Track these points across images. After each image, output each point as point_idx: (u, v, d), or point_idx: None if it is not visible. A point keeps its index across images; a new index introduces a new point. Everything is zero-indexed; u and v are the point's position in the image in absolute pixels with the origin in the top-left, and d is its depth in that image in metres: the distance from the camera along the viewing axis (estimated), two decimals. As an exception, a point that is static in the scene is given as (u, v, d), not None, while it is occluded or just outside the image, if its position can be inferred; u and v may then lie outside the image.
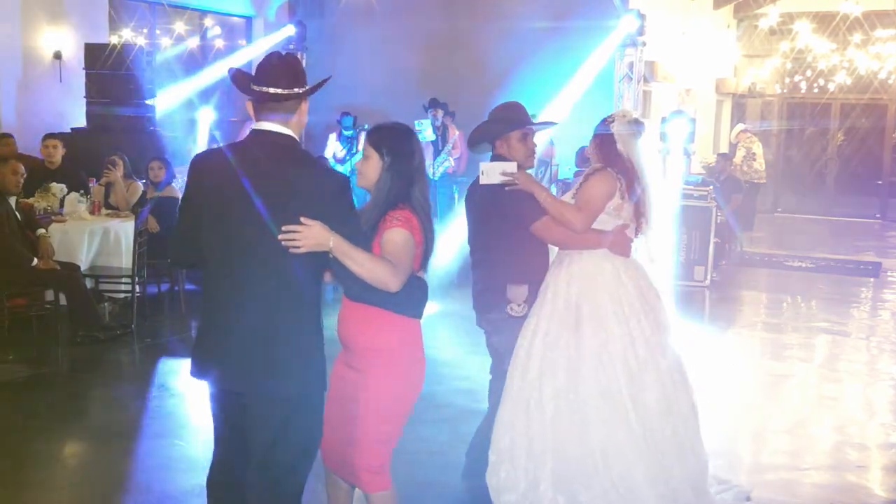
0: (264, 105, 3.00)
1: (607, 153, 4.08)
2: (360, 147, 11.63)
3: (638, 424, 3.84)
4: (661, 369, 3.95)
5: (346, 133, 11.58)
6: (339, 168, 11.27)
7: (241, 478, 3.07)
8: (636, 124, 4.12)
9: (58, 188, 7.94)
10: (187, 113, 11.77)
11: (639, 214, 4.08)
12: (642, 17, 11.21)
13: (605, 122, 4.14)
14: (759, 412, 6.02)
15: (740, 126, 15.72)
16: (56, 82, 10.46)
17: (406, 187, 3.22)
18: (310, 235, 2.79)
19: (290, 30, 13.08)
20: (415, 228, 3.17)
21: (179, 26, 12.51)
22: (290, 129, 3.01)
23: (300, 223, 2.78)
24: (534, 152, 4.26)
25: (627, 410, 3.85)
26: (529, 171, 4.22)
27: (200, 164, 3.05)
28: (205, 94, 11.92)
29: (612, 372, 3.87)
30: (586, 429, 3.83)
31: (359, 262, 2.90)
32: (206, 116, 11.55)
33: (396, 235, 3.11)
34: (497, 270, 4.17)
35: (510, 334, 4.09)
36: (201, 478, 4.76)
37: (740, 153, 14.91)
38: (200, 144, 11.71)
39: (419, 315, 3.31)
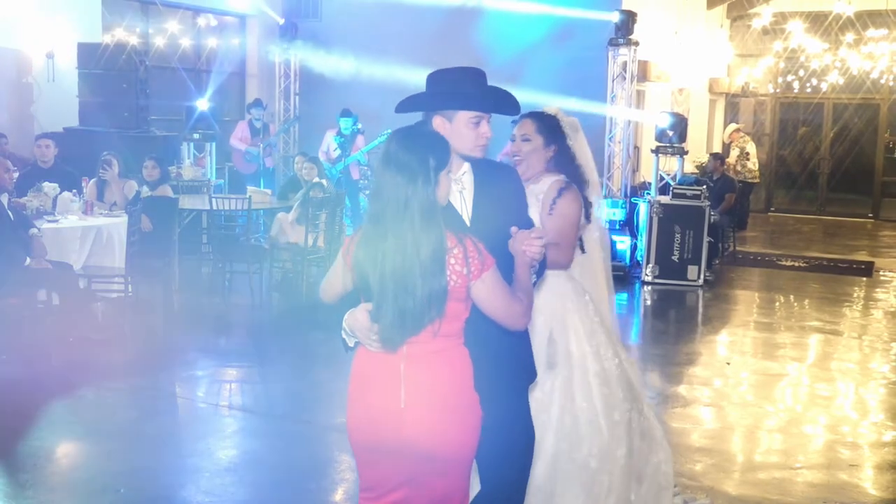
0: None
1: None
2: (355, 149, 11.59)
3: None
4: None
5: (345, 132, 11.48)
6: (332, 169, 11.23)
7: None
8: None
9: (50, 188, 7.92)
10: (180, 112, 11.75)
11: None
12: (628, 15, 11.23)
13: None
14: (751, 411, 6.03)
15: (733, 126, 15.76)
16: (48, 82, 10.43)
17: None
18: None
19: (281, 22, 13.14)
20: (345, 247, 2.88)
21: (172, 25, 12.49)
22: None
23: None
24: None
25: None
26: None
27: None
28: (198, 93, 11.91)
29: None
30: None
31: None
32: (199, 115, 11.54)
33: None
34: None
35: None
36: (194, 479, 4.77)
37: (734, 153, 14.96)
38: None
39: (344, 345, 2.92)
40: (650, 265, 10.04)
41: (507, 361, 3.07)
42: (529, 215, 3.54)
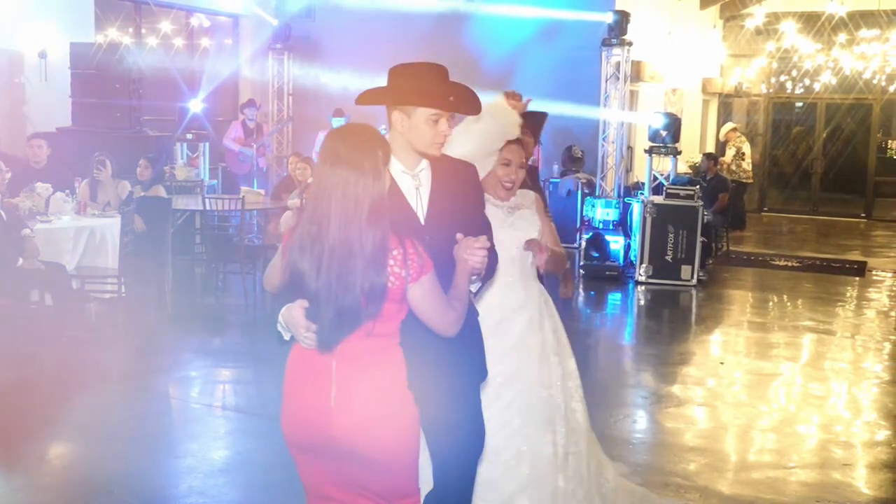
0: None
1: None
2: None
3: None
4: None
5: None
6: None
7: None
8: None
9: (43, 188, 7.91)
10: (173, 112, 11.73)
11: None
12: (621, 15, 11.26)
13: None
14: (745, 410, 6.04)
15: (730, 125, 15.76)
16: (41, 82, 10.40)
17: None
18: None
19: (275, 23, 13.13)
20: (284, 243, 2.83)
21: (165, 25, 12.47)
22: (391, 140, 2.98)
23: None
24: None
25: None
26: None
27: None
28: (191, 94, 11.90)
29: None
30: None
31: None
32: (193, 116, 11.53)
33: None
34: None
35: None
36: (187, 479, 4.76)
37: (730, 152, 14.97)
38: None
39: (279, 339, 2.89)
40: (644, 265, 10.06)
41: (458, 360, 3.04)
42: (528, 224, 3.83)
